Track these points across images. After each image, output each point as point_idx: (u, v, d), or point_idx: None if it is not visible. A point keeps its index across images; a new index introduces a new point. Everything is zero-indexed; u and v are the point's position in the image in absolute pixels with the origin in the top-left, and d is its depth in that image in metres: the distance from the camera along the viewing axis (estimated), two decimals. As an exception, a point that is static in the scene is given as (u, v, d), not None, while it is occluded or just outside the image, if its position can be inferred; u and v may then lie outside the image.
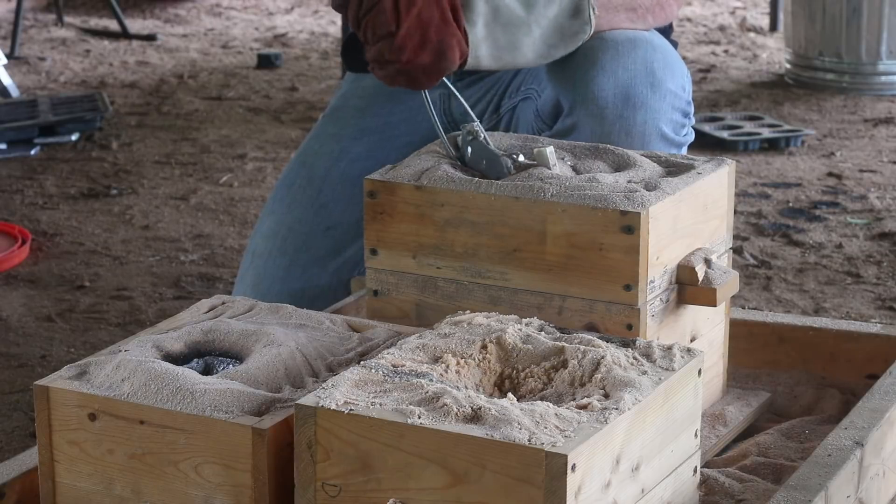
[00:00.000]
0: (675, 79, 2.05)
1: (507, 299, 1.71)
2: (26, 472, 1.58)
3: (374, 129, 2.24)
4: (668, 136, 2.04)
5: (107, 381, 1.51)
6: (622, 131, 2.00)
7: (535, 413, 1.37)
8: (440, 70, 1.86)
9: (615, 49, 2.01)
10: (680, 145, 2.07)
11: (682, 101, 2.06)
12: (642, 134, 2.01)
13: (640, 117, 2.01)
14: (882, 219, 3.38)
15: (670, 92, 2.03)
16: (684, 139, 2.08)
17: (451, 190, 1.71)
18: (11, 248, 3.11)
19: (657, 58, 2.02)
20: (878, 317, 2.79)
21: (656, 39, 2.06)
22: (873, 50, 4.65)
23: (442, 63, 1.85)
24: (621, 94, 2.00)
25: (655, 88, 2.01)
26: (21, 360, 2.59)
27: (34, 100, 4.40)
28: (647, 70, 2.01)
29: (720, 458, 1.81)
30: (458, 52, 1.87)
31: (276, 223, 2.23)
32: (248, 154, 4.01)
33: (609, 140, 1.99)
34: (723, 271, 1.75)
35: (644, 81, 2.00)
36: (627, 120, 2.00)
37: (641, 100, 2.00)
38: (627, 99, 2.00)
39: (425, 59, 1.84)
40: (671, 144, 2.05)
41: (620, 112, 2.00)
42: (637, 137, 2.01)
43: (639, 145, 2.00)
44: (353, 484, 1.40)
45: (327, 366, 1.57)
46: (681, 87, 2.06)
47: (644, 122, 2.01)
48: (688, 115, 2.08)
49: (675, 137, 2.05)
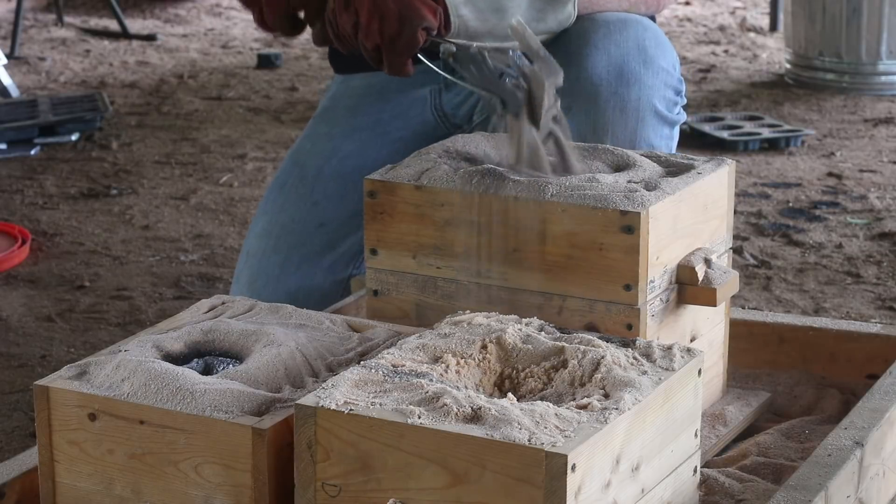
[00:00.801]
0: (667, 57, 2.07)
1: (507, 299, 1.70)
2: (26, 472, 1.58)
3: (366, 127, 2.25)
4: (661, 112, 2.05)
5: (107, 381, 1.51)
6: (616, 108, 2.01)
7: (535, 413, 1.37)
8: (413, 32, 1.85)
9: (606, 28, 2.03)
10: (673, 123, 2.08)
11: (673, 79, 2.07)
12: (636, 110, 2.02)
13: (634, 93, 2.01)
14: (882, 219, 3.38)
15: (662, 69, 2.05)
16: (677, 117, 2.09)
17: (451, 190, 1.71)
18: (11, 248, 3.11)
19: (648, 36, 2.05)
20: (878, 317, 2.79)
21: (646, 21, 2.09)
22: (873, 50, 4.65)
23: (410, 25, 1.85)
24: (615, 70, 2.01)
25: (648, 65, 2.03)
26: (21, 360, 2.59)
27: (34, 100, 4.40)
28: (639, 47, 2.02)
29: (720, 458, 1.81)
30: (428, 12, 1.86)
31: (269, 222, 2.23)
32: (248, 154, 4.01)
33: (604, 118, 1.99)
34: (723, 271, 1.75)
35: (637, 58, 2.02)
36: (622, 96, 2.01)
37: (635, 76, 2.01)
38: (621, 75, 2.01)
39: (392, 29, 1.84)
40: (664, 122, 2.06)
41: (615, 89, 2.01)
42: (631, 114, 2.01)
43: (633, 122, 2.00)
44: (353, 484, 1.40)
45: (327, 366, 1.57)
46: (672, 66, 2.07)
47: (638, 98, 2.02)
48: (680, 94, 2.09)
49: (669, 115, 2.07)
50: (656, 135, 2.06)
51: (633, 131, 2.03)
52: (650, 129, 2.05)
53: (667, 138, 2.08)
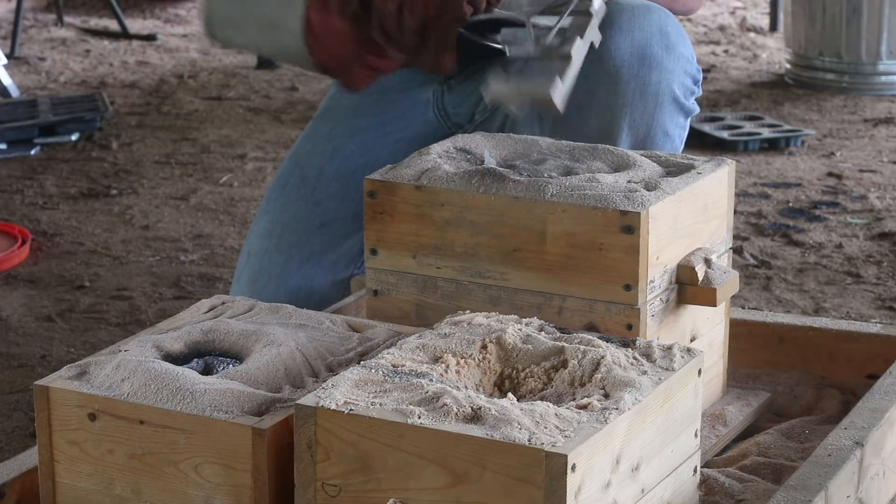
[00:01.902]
0: (686, 45, 2.08)
1: (507, 299, 1.71)
2: (26, 472, 1.58)
3: (367, 128, 2.25)
4: (679, 99, 2.06)
5: (107, 381, 1.51)
6: (637, 90, 2.02)
7: (535, 413, 1.37)
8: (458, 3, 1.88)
9: (631, 12, 2.04)
10: (688, 112, 2.10)
11: (692, 68, 2.09)
12: (656, 94, 2.03)
13: (655, 77, 2.02)
14: (882, 219, 3.38)
15: (683, 56, 2.06)
16: (692, 107, 2.11)
17: (451, 190, 1.71)
18: (11, 248, 3.11)
19: (671, 23, 2.06)
20: (878, 317, 2.79)
21: (666, 10, 2.10)
22: (873, 50, 4.65)
23: None
24: (637, 53, 2.02)
25: (670, 51, 2.04)
26: (21, 360, 2.59)
27: (34, 100, 4.40)
28: (662, 32, 2.04)
29: (720, 458, 1.81)
30: None
31: (271, 222, 2.23)
32: (248, 154, 4.01)
33: (623, 100, 2.00)
34: (723, 271, 1.75)
35: (660, 43, 2.03)
36: (643, 79, 2.02)
37: (657, 60, 2.02)
38: (643, 58, 2.02)
39: None
40: (681, 110, 2.07)
41: (636, 71, 2.02)
42: (651, 98, 2.02)
43: (651, 106, 2.01)
44: (353, 484, 1.40)
45: (327, 366, 1.57)
46: (691, 54, 2.09)
47: (658, 83, 2.03)
48: (697, 83, 2.11)
49: (686, 103, 2.08)
50: (672, 122, 2.07)
51: (650, 115, 2.04)
52: (666, 116, 2.06)
53: (680, 127, 2.10)
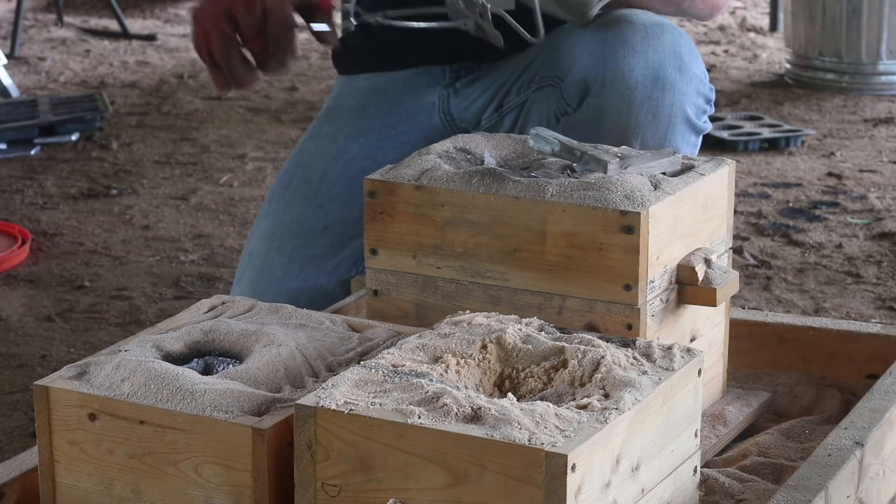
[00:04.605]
0: (699, 65, 2.09)
1: (507, 299, 1.71)
2: (26, 472, 1.58)
3: (371, 130, 2.24)
4: (691, 119, 2.07)
5: (107, 381, 1.51)
6: (649, 112, 2.02)
7: (535, 413, 1.37)
8: None
9: (644, 31, 2.04)
10: (700, 132, 2.10)
11: (705, 87, 2.09)
12: (669, 116, 2.03)
13: (668, 99, 2.03)
14: (882, 219, 3.38)
15: (696, 76, 2.07)
16: (704, 125, 2.11)
17: (451, 190, 1.71)
18: (11, 248, 3.11)
19: (684, 43, 2.06)
20: (878, 317, 2.79)
21: (678, 28, 2.10)
22: (873, 50, 4.65)
23: None
24: (651, 74, 2.02)
25: (683, 71, 2.04)
26: (21, 360, 2.59)
27: (34, 100, 4.41)
28: (675, 53, 2.04)
29: (720, 458, 1.81)
30: None
31: (273, 224, 2.23)
32: (248, 154, 4.01)
33: (636, 121, 2.00)
34: (723, 271, 1.75)
35: (673, 64, 2.03)
36: (655, 101, 2.02)
37: (670, 82, 2.03)
38: (657, 80, 2.02)
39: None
40: (693, 129, 2.08)
41: (650, 93, 2.02)
42: (664, 119, 2.03)
43: (664, 127, 2.02)
44: (353, 484, 1.40)
45: (327, 366, 1.57)
46: (703, 74, 2.10)
47: (671, 105, 2.03)
48: (709, 102, 2.11)
49: (698, 123, 2.09)
50: (684, 142, 2.07)
51: (662, 136, 2.04)
52: (679, 136, 2.06)
53: (692, 146, 2.11)
